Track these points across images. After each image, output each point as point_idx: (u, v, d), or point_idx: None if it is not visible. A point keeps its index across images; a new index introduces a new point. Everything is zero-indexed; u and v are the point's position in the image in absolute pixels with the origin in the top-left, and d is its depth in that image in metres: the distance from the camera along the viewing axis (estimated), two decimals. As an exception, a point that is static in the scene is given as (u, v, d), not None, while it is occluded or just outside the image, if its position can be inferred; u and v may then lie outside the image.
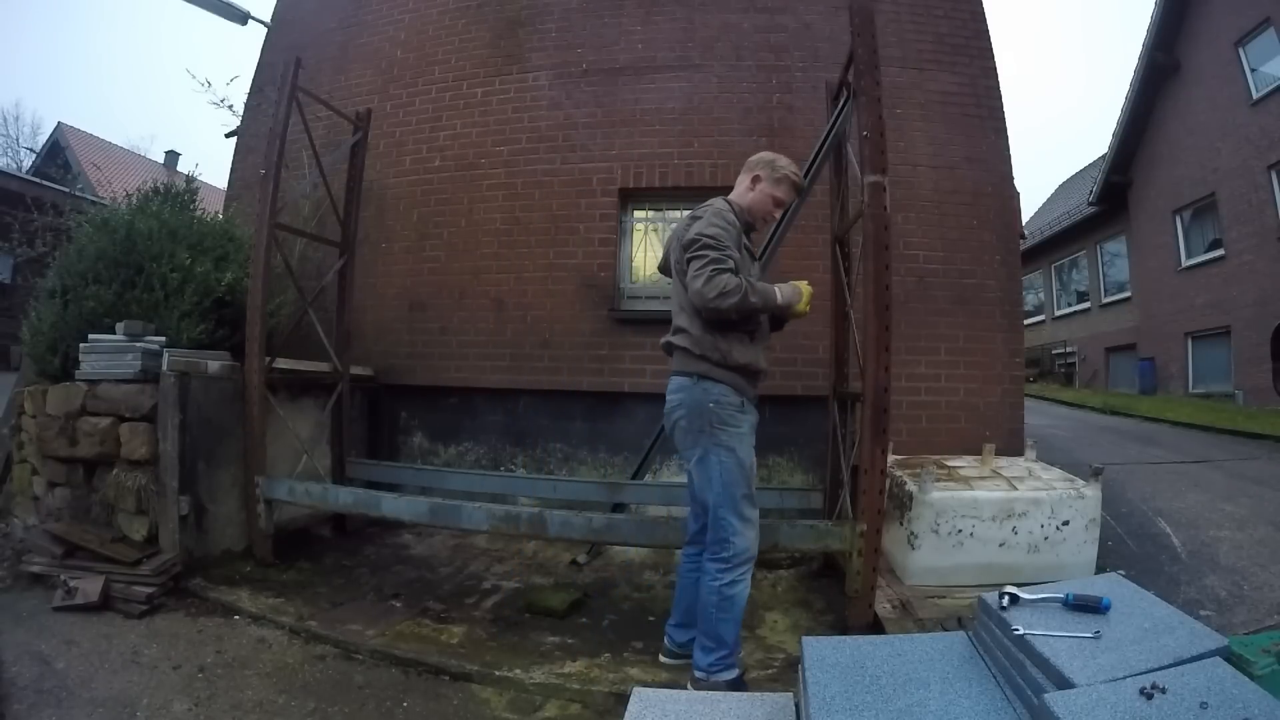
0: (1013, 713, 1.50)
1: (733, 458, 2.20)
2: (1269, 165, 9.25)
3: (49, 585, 3.02)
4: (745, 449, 2.24)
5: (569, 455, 4.45)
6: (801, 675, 1.72)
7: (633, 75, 4.63)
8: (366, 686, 2.37)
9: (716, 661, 2.16)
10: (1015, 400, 4.11)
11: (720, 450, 2.20)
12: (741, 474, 2.21)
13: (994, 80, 4.44)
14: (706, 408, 2.19)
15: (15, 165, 18.81)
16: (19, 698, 2.18)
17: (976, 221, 4.25)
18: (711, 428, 2.20)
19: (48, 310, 3.69)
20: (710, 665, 2.16)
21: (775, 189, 2.41)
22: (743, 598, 2.19)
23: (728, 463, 2.19)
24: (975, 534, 2.87)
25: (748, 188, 2.43)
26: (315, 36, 5.32)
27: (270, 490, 3.38)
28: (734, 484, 2.20)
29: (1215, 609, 2.65)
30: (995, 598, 1.75)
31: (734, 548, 2.18)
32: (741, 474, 2.21)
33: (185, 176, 4.60)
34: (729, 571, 2.17)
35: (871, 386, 2.57)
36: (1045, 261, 16.18)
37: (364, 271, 4.64)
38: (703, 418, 2.20)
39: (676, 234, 2.35)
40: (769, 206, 2.43)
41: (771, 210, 2.45)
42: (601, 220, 4.51)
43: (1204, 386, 10.57)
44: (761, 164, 2.43)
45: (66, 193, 9.20)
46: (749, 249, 2.38)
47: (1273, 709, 1.29)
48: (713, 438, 2.20)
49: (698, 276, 2.11)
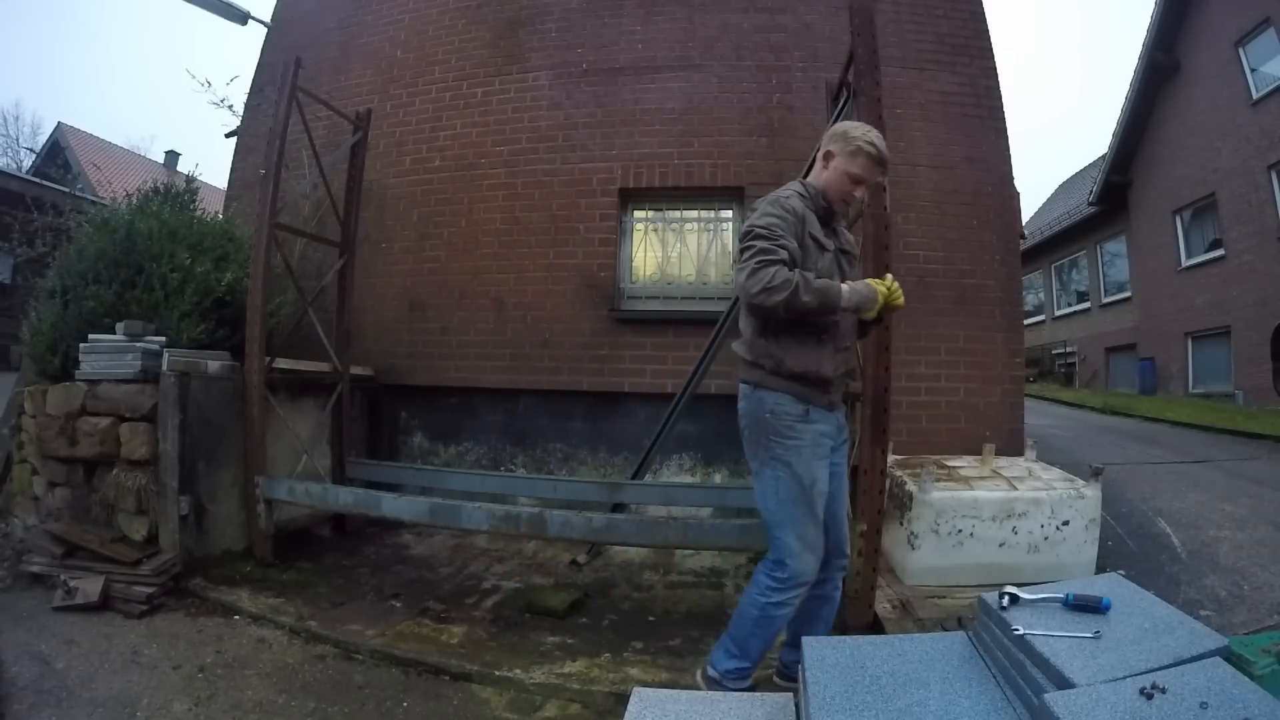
0: (1013, 713, 1.50)
1: (788, 472, 1.99)
2: (1269, 165, 9.25)
3: (49, 585, 3.02)
4: (804, 463, 2.00)
5: (569, 455, 4.45)
6: (801, 675, 1.72)
7: (633, 75, 4.63)
8: (366, 686, 2.37)
9: (735, 670, 2.08)
10: (1015, 400, 4.12)
11: (776, 464, 2.00)
12: (800, 491, 1.99)
13: (994, 80, 4.44)
14: (763, 418, 2.00)
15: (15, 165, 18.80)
16: (19, 698, 2.18)
17: (976, 221, 4.25)
18: (768, 439, 2.00)
19: (48, 310, 3.69)
20: (728, 673, 2.09)
21: (850, 164, 2.05)
22: (784, 620, 2.06)
23: (784, 478, 1.99)
24: (975, 534, 2.87)
25: (821, 166, 2.11)
26: (315, 36, 5.32)
27: (270, 490, 3.38)
28: (791, 502, 1.99)
29: (1215, 609, 2.65)
30: (995, 598, 1.75)
31: (789, 570, 1.99)
32: (800, 491, 1.99)
33: (185, 176, 4.60)
34: (780, 592, 2.00)
35: (871, 386, 2.57)
36: (1045, 261, 16.19)
37: (364, 271, 4.65)
38: (760, 429, 2.02)
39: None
40: (846, 186, 2.07)
41: (849, 190, 2.08)
42: (601, 220, 4.51)
43: (1204, 386, 10.57)
44: (835, 137, 2.09)
45: (66, 193, 9.20)
46: (816, 239, 2.04)
47: (1273, 709, 1.29)
48: (769, 450, 2.00)
49: (742, 269, 1.90)
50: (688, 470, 4.25)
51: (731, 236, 4.57)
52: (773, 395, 2.00)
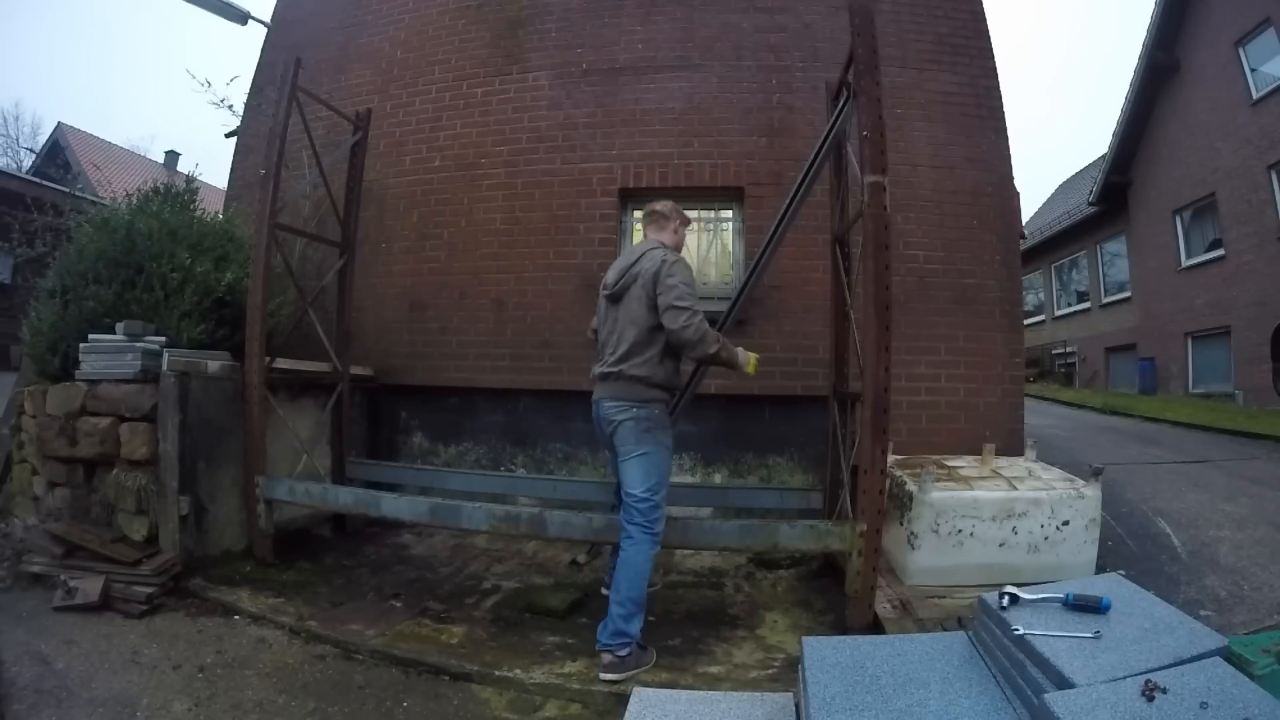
0: (1013, 713, 1.50)
1: (669, 454, 2.71)
2: (1269, 165, 9.25)
3: (49, 585, 3.02)
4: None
5: (569, 455, 4.45)
6: (801, 675, 1.73)
7: (633, 75, 4.63)
8: (366, 686, 2.37)
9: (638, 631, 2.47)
10: (1015, 400, 4.12)
11: (662, 449, 2.65)
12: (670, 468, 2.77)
13: (994, 80, 4.45)
14: (656, 416, 2.64)
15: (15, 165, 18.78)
16: (19, 698, 2.18)
17: (977, 221, 4.25)
18: (660, 432, 2.65)
19: (48, 310, 3.69)
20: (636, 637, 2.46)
21: (685, 229, 3.03)
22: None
23: (668, 458, 2.69)
24: (975, 534, 2.87)
25: (672, 231, 2.91)
26: (315, 36, 5.31)
27: (270, 490, 3.38)
28: (669, 474, 2.74)
29: (1215, 609, 2.65)
30: (995, 598, 1.75)
31: (663, 523, 2.64)
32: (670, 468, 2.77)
33: (185, 176, 4.60)
34: (657, 542, 2.57)
35: (871, 386, 2.57)
36: (1045, 261, 16.18)
37: (364, 271, 4.64)
38: (656, 425, 2.64)
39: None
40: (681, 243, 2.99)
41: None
42: (601, 220, 4.51)
43: (1204, 386, 10.57)
44: (675, 211, 2.95)
45: (66, 193, 9.18)
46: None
47: (1273, 709, 1.30)
48: (657, 440, 2.63)
49: (688, 327, 2.53)
50: (687, 470, 4.25)
51: (731, 236, 4.57)
52: (659, 403, 2.63)
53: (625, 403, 2.57)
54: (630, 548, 2.49)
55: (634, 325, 2.58)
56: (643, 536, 2.50)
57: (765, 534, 2.73)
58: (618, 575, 2.48)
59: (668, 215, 2.87)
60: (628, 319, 2.60)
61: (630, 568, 2.46)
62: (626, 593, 2.43)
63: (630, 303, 2.60)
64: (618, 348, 2.61)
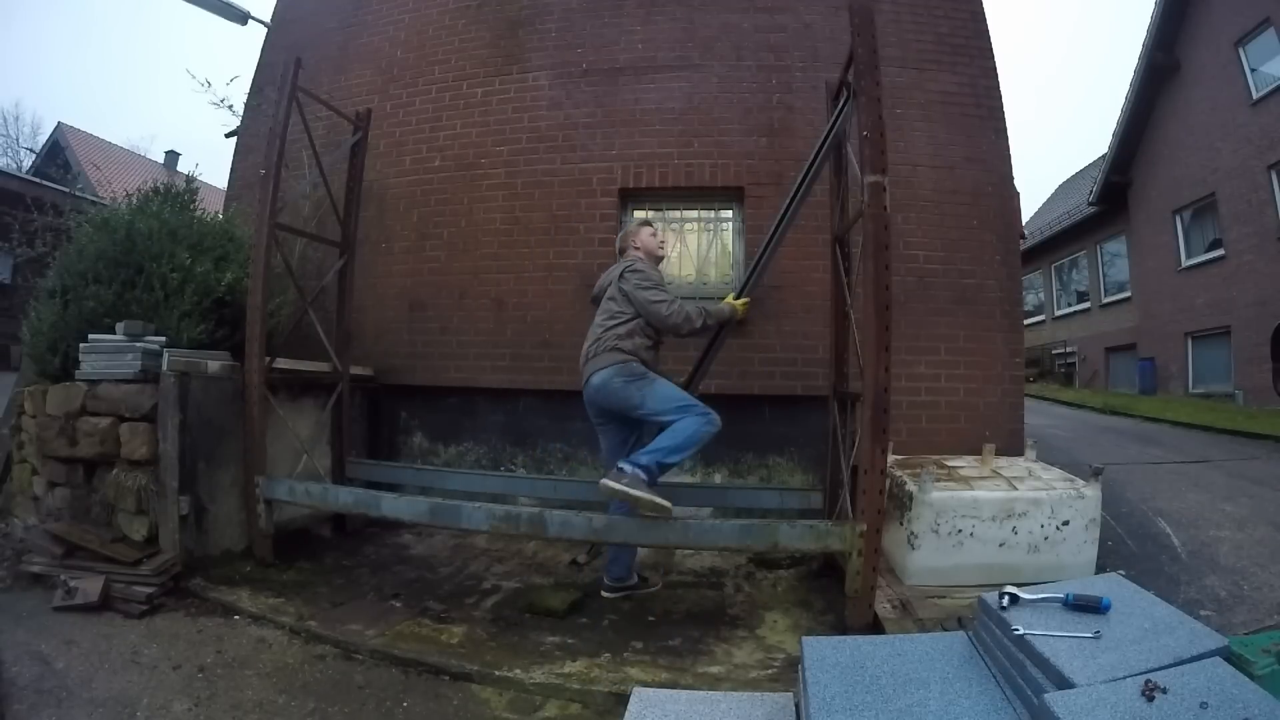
0: (1013, 713, 1.50)
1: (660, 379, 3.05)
2: (1269, 165, 9.26)
3: (49, 585, 3.02)
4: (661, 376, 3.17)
5: (569, 455, 4.45)
6: (801, 675, 1.73)
7: (633, 75, 4.63)
8: (366, 686, 2.37)
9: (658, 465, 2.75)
10: (1015, 400, 4.11)
11: (651, 379, 3.00)
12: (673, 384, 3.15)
13: (994, 80, 4.44)
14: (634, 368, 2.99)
15: (15, 165, 18.79)
16: (19, 698, 2.18)
17: (977, 221, 4.25)
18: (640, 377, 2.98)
19: (48, 310, 3.69)
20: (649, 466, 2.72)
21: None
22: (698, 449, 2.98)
23: (660, 381, 3.03)
24: (975, 534, 2.87)
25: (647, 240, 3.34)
26: (315, 36, 5.31)
27: (270, 490, 3.38)
28: (676, 388, 3.09)
29: (1215, 609, 2.65)
30: (995, 598, 1.75)
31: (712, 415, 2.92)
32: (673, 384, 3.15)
33: (185, 176, 4.59)
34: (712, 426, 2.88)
35: (871, 386, 2.57)
36: (1045, 261, 16.19)
37: (364, 271, 4.64)
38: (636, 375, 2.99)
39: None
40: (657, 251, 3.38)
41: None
42: (601, 220, 4.51)
43: (1204, 386, 10.57)
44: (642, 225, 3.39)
45: (66, 193, 9.16)
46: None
47: (1273, 709, 1.30)
48: (645, 378, 2.99)
49: (659, 304, 3.05)
50: (687, 470, 4.25)
51: (731, 236, 4.57)
52: (637, 361, 2.96)
53: (608, 368, 2.93)
54: (681, 419, 2.76)
55: (606, 314, 3.07)
56: (694, 414, 2.78)
57: (765, 534, 2.72)
58: (662, 434, 2.76)
59: (625, 239, 3.36)
60: (605, 314, 3.08)
61: (679, 431, 2.73)
62: (665, 443, 2.72)
63: (606, 301, 3.12)
64: (596, 335, 3.07)
